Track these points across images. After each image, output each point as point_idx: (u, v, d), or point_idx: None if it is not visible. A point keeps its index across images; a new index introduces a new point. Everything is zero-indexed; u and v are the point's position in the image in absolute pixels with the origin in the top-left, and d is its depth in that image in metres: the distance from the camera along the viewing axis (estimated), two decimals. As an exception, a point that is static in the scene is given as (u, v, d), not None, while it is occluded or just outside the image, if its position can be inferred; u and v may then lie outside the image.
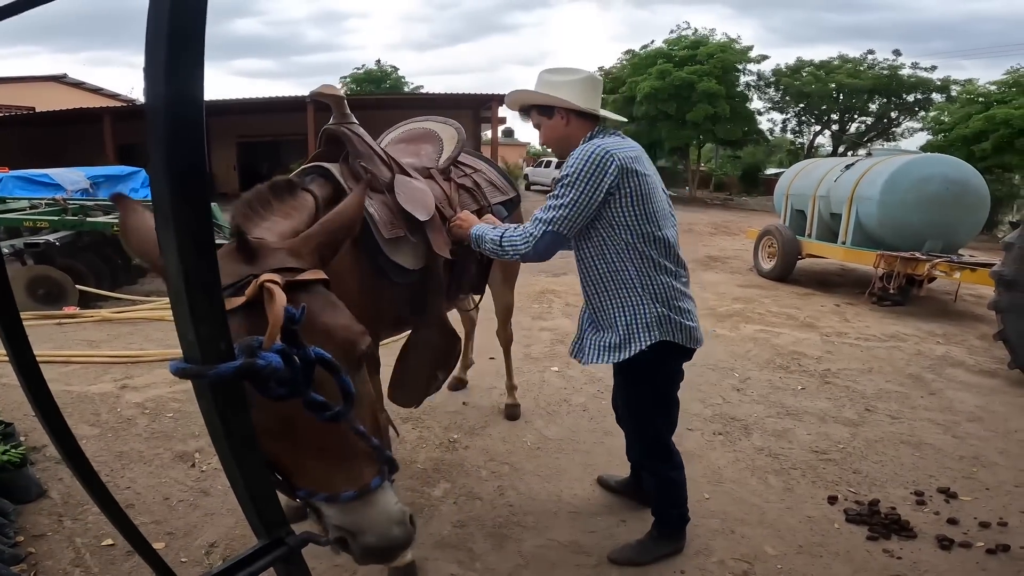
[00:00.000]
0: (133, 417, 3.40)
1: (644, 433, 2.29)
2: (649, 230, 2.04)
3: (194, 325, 0.60)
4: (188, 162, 0.56)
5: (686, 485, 2.36)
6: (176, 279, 0.58)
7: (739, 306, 6.70)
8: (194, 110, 0.56)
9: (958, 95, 21.54)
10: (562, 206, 2.00)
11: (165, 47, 0.53)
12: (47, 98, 20.97)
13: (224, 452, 0.72)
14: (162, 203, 0.56)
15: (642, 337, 2.07)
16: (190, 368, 0.61)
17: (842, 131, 27.10)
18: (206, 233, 0.59)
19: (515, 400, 3.63)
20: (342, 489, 1.01)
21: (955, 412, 3.88)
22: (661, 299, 2.08)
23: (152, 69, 0.53)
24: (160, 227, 0.58)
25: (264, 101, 18.94)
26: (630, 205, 2.01)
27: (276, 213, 1.45)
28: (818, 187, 8.14)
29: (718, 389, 4.12)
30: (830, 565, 2.34)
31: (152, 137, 0.55)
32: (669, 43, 23.32)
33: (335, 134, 2.10)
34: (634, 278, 2.06)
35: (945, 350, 5.29)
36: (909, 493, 2.85)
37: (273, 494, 0.82)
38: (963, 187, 6.89)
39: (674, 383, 2.25)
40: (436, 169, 2.50)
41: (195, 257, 0.58)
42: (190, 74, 0.54)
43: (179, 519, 2.52)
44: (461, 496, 2.76)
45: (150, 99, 0.54)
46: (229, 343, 0.64)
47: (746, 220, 15.83)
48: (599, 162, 1.96)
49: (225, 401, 0.66)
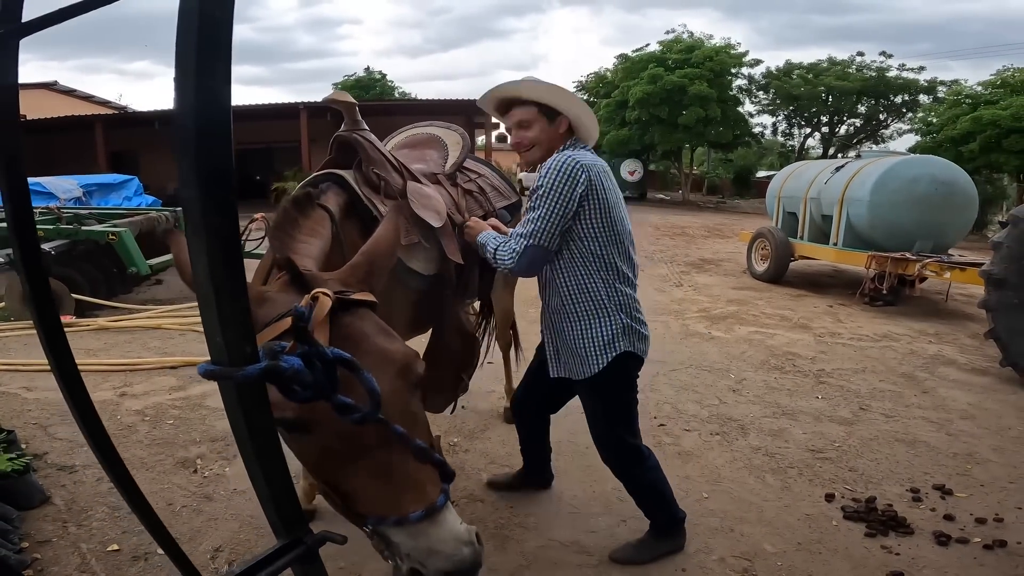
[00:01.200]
0: (133, 424, 3.40)
1: (608, 442, 2.29)
2: (615, 240, 2.10)
3: (222, 329, 0.62)
4: (217, 168, 0.59)
5: (666, 483, 2.37)
6: (205, 285, 0.61)
7: (733, 308, 6.75)
8: (222, 116, 0.58)
9: (946, 96, 21.73)
10: (539, 218, 2.03)
11: (194, 55, 0.55)
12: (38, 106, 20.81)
13: (247, 451, 0.74)
14: (192, 210, 0.59)
15: (610, 349, 2.11)
16: (219, 370, 0.64)
17: (832, 133, 27.29)
18: (234, 240, 0.62)
19: (514, 403, 3.65)
20: (410, 509, 1.03)
21: (948, 410, 3.93)
22: (625, 310, 2.14)
23: (182, 77, 0.56)
24: (190, 234, 0.60)
25: (257, 108, 18.88)
26: (598, 216, 2.06)
27: (304, 231, 1.51)
28: (809, 189, 8.21)
29: (714, 390, 4.16)
30: (829, 562, 2.37)
31: (181, 144, 0.57)
32: (664, 46, 23.44)
33: (347, 141, 2.11)
34: (601, 290, 2.11)
35: (937, 349, 5.35)
36: (905, 490, 2.89)
37: (293, 493, 0.85)
38: (951, 188, 6.95)
39: (634, 391, 2.28)
40: (443, 175, 2.52)
41: (224, 264, 0.61)
42: (219, 81, 0.57)
43: (183, 524, 2.53)
44: (462, 499, 2.78)
45: (179, 106, 0.57)
46: (254, 346, 0.67)
47: (739, 223, 15.92)
48: (570, 172, 2.00)
49: (250, 401, 0.69)
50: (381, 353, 1.12)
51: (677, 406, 3.85)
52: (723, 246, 12.18)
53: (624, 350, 2.12)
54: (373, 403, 0.90)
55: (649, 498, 2.36)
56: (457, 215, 2.35)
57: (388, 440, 1.03)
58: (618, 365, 2.12)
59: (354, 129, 2.11)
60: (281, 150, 20.74)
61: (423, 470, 1.07)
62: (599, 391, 2.20)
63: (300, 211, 1.59)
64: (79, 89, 25.24)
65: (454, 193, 2.47)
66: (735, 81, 23.87)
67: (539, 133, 2.16)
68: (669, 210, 20.96)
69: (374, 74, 32.70)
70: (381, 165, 2.09)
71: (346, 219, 1.85)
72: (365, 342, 1.10)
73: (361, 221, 1.91)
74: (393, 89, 33.07)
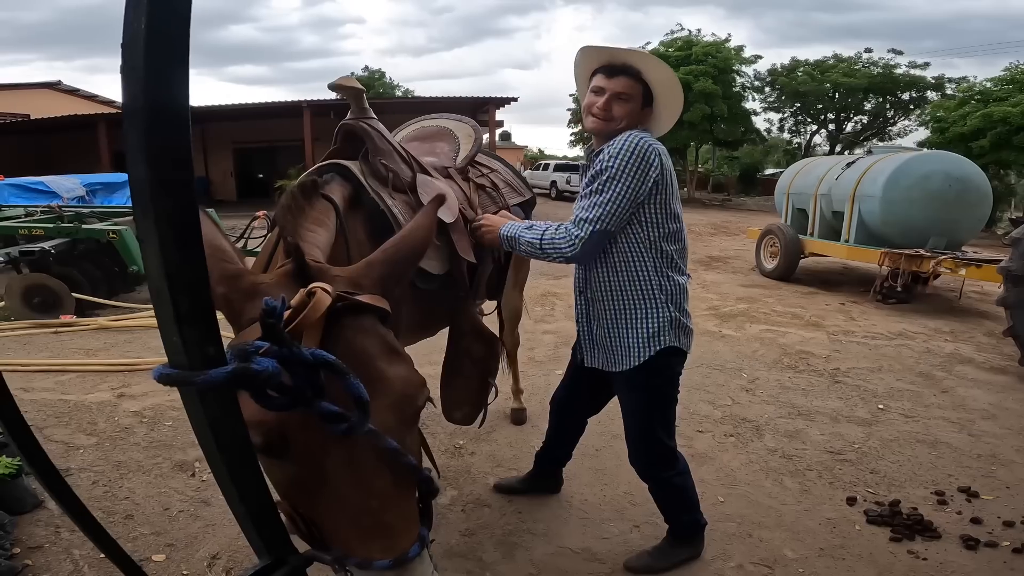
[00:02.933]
0: (131, 426, 3.32)
1: (643, 441, 2.16)
2: (674, 227, 1.97)
3: (178, 327, 0.52)
4: (169, 142, 0.49)
5: (695, 489, 2.27)
6: (157, 276, 0.51)
7: (743, 306, 6.63)
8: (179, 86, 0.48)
9: (955, 92, 21.56)
10: (608, 201, 1.87)
11: (145, 18, 0.45)
12: (41, 105, 20.85)
13: (218, 467, 0.64)
14: (140, 190, 0.49)
15: (654, 342, 1.99)
16: (176, 374, 0.54)
17: (838, 130, 27.11)
18: (191, 225, 0.52)
19: (521, 404, 3.55)
20: (377, 556, 0.91)
21: (969, 410, 3.81)
22: (675, 301, 2.01)
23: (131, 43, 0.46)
24: (139, 217, 0.50)
25: (260, 107, 18.86)
26: (663, 202, 1.93)
27: (311, 220, 1.39)
28: (819, 186, 8.09)
29: (726, 390, 4.05)
30: (854, 568, 2.27)
31: (129, 113, 0.47)
32: (665, 45, 23.33)
33: (353, 129, 1.97)
34: (653, 279, 1.98)
35: (954, 347, 5.22)
36: (930, 493, 2.78)
37: (274, 510, 0.76)
38: (965, 184, 6.84)
39: (676, 388, 2.15)
40: (454, 169, 2.37)
41: (177, 251, 0.51)
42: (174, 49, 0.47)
43: (180, 530, 2.44)
44: (469, 503, 2.68)
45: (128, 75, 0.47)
46: (219, 347, 0.57)
47: (745, 220, 15.78)
48: (644, 154, 1.85)
49: (217, 410, 0.59)
50: (379, 379, 0.95)
51: (689, 407, 3.74)
52: (730, 243, 12.05)
53: (669, 344, 2.00)
54: (360, 412, 0.78)
55: (675, 503, 2.25)
56: (469, 211, 2.21)
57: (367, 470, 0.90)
58: (662, 359, 2.01)
59: (361, 117, 1.97)
60: (284, 149, 20.71)
61: (402, 513, 0.94)
62: (639, 386, 2.07)
63: (307, 198, 1.44)
64: (83, 89, 25.26)
65: (466, 188, 2.32)
66: (739, 78, 23.69)
67: (630, 113, 1.98)
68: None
69: (373, 73, 32.67)
70: (389, 156, 1.94)
71: (350, 212, 1.73)
72: (358, 360, 0.93)
73: (367, 215, 1.79)
74: (393, 87, 33.04)
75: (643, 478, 2.24)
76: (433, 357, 2.26)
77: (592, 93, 2.01)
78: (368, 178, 1.85)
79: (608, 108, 1.97)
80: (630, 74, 1.96)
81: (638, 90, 1.97)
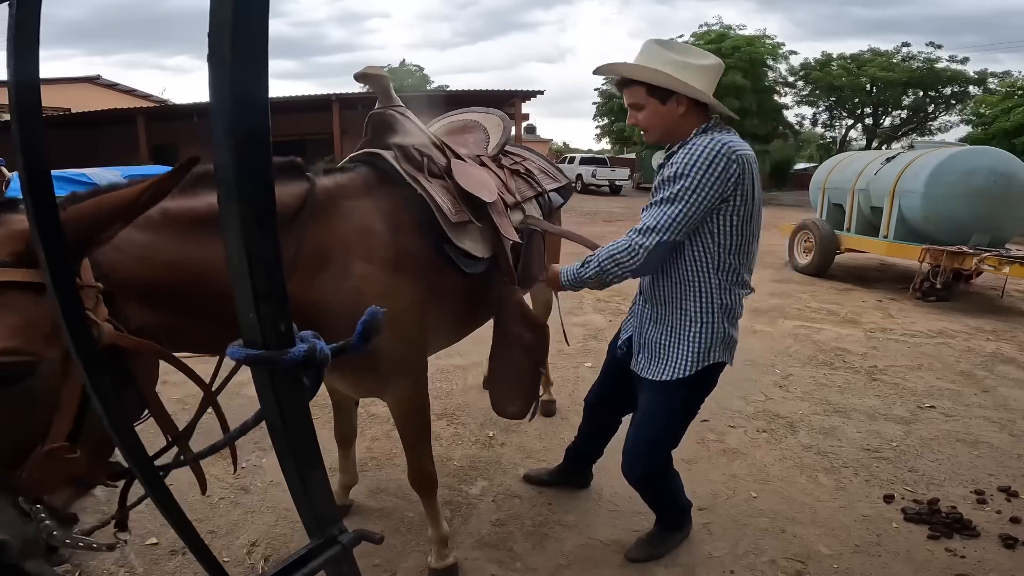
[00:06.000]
0: (173, 413, 3.37)
1: (653, 447, 2.11)
2: (747, 241, 1.85)
3: (255, 304, 0.55)
4: (251, 129, 0.52)
5: (682, 485, 2.30)
6: (237, 255, 0.53)
7: (776, 301, 6.54)
8: (261, 70, 0.51)
9: (999, 87, 20.92)
10: (678, 211, 1.74)
11: (231, 14, 0.48)
12: (82, 99, 21.36)
13: (282, 443, 0.67)
14: (225, 174, 0.52)
15: (704, 357, 1.91)
16: (260, 355, 0.56)
17: (876, 125, 26.49)
18: (268, 205, 0.55)
19: (551, 396, 3.57)
20: None
21: (1010, 410, 3.71)
22: (731, 316, 1.92)
23: (217, 36, 0.49)
24: (223, 199, 0.53)
25: (289, 101, 19.11)
26: (740, 214, 1.79)
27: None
28: (857, 180, 7.92)
29: (759, 386, 4.01)
30: (889, 564, 2.24)
31: (216, 103, 0.50)
32: (696, 37, 23.04)
33: (383, 119, 1.96)
34: (715, 294, 1.88)
35: (995, 346, 5.08)
36: (969, 492, 2.73)
37: (328, 488, 0.78)
38: (1010, 180, 6.64)
39: (702, 401, 2.11)
40: (487, 156, 2.38)
41: (258, 231, 0.53)
42: (256, 43, 0.50)
43: (220, 517, 2.51)
44: (499, 494, 2.71)
45: (214, 65, 0.49)
46: (290, 324, 0.59)
47: (778, 215, 15.50)
48: (721, 161, 1.71)
49: (285, 387, 0.62)
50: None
51: (721, 402, 3.71)
52: (762, 238, 11.84)
53: (717, 360, 1.93)
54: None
55: (665, 503, 2.30)
56: (508, 195, 2.20)
57: None
58: (705, 372, 1.94)
59: (389, 106, 1.98)
60: (314, 142, 20.95)
61: None
62: (673, 396, 2.00)
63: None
64: (121, 83, 25.88)
65: (501, 174, 2.33)
66: (771, 73, 23.30)
67: (655, 117, 1.86)
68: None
69: (411, 67, 32.88)
70: (422, 143, 1.96)
71: (373, 199, 1.74)
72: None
73: (403, 201, 1.80)
74: (427, 82, 33.22)
75: (634, 485, 2.21)
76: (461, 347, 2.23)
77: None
78: (402, 163, 1.86)
79: (634, 120, 1.92)
80: (628, 83, 1.89)
81: (641, 93, 1.86)
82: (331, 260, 1.59)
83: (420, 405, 2.00)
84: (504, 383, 2.19)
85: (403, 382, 1.88)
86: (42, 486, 0.99)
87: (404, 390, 1.91)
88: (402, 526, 2.47)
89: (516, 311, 2.10)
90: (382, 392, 1.95)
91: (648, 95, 1.84)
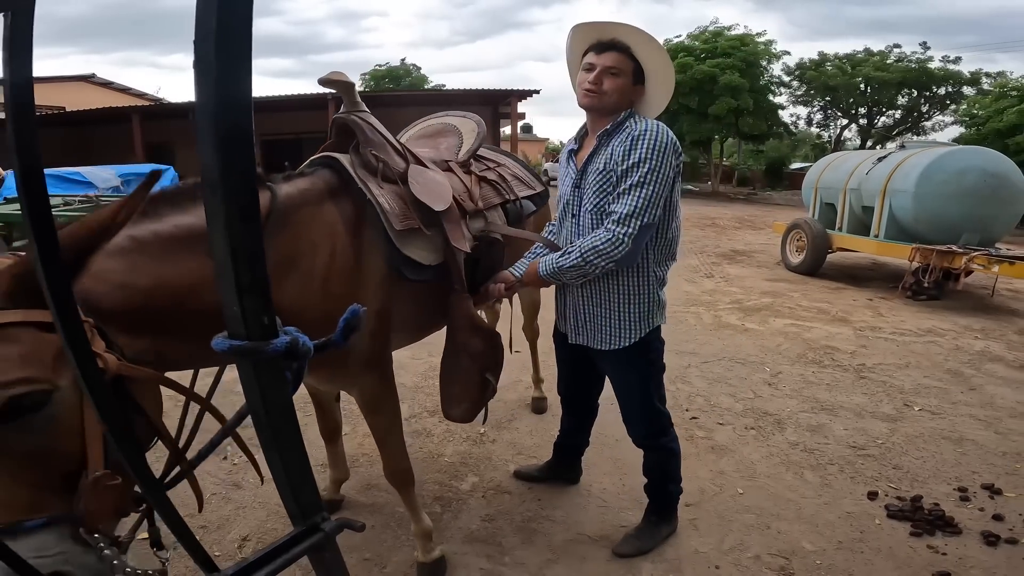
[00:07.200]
0: (166, 410, 3.41)
1: (644, 411, 2.25)
2: (677, 217, 2.08)
3: (239, 297, 0.58)
4: (235, 129, 0.54)
5: (680, 457, 2.37)
6: (222, 250, 0.56)
7: (767, 300, 6.59)
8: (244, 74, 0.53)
9: (992, 88, 21.01)
10: (650, 195, 1.90)
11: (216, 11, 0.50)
12: (76, 98, 21.26)
13: (264, 432, 0.70)
14: (210, 171, 0.54)
15: (647, 323, 2.11)
16: (244, 345, 0.59)
17: (870, 125, 26.60)
18: (251, 202, 0.57)
19: (542, 393, 3.60)
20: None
21: (996, 408, 3.76)
22: (663, 284, 2.14)
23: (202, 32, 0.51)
24: (208, 196, 0.56)
25: (286, 99, 19.07)
26: (675, 192, 2.02)
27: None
28: (849, 180, 7.97)
29: (748, 383, 4.05)
30: (872, 561, 2.28)
31: (200, 100, 0.52)
32: (692, 37, 23.09)
33: (345, 123, 2.00)
34: (652, 265, 2.07)
35: (984, 345, 5.14)
36: (952, 489, 2.77)
37: (311, 477, 0.80)
38: (1001, 180, 6.68)
39: (662, 355, 2.25)
40: (455, 162, 2.38)
41: (241, 227, 0.56)
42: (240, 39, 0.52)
43: (212, 512, 2.53)
44: (490, 490, 2.74)
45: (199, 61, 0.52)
46: (273, 316, 0.62)
47: (771, 214, 15.60)
48: (672, 145, 1.93)
49: (269, 378, 0.64)
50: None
51: (710, 399, 3.76)
52: (755, 237, 11.92)
53: (657, 323, 2.15)
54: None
55: (667, 470, 2.35)
56: (469, 203, 2.21)
57: None
58: (650, 336, 2.13)
59: (352, 111, 2.01)
60: (309, 141, 20.92)
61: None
62: (633, 363, 2.17)
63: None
64: (116, 82, 25.78)
65: (467, 180, 2.32)
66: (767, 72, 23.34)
67: (621, 87, 1.99)
68: (698, 201, 20.62)
69: (408, 66, 32.86)
70: (381, 147, 1.97)
71: (330, 204, 1.77)
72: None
73: (353, 205, 1.83)
74: (424, 80, 33.18)
75: (642, 446, 2.33)
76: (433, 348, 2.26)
77: (583, 71, 2.02)
78: (357, 169, 1.89)
79: (599, 82, 1.97)
80: (619, 49, 1.98)
81: (628, 65, 1.98)
82: (295, 265, 1.61)
83: (388, 398, 2.05)
84: (451, 386, 2.21)
85: (369, 376, 1.94)
86: (97, 515, 1.01)
87: (371, 384, 1.97)
88: (392, 521, 2.50)
89: (464, 319, 2.11)
90: (350, 387, 2.02)
91: (631, 72, 2.00)
